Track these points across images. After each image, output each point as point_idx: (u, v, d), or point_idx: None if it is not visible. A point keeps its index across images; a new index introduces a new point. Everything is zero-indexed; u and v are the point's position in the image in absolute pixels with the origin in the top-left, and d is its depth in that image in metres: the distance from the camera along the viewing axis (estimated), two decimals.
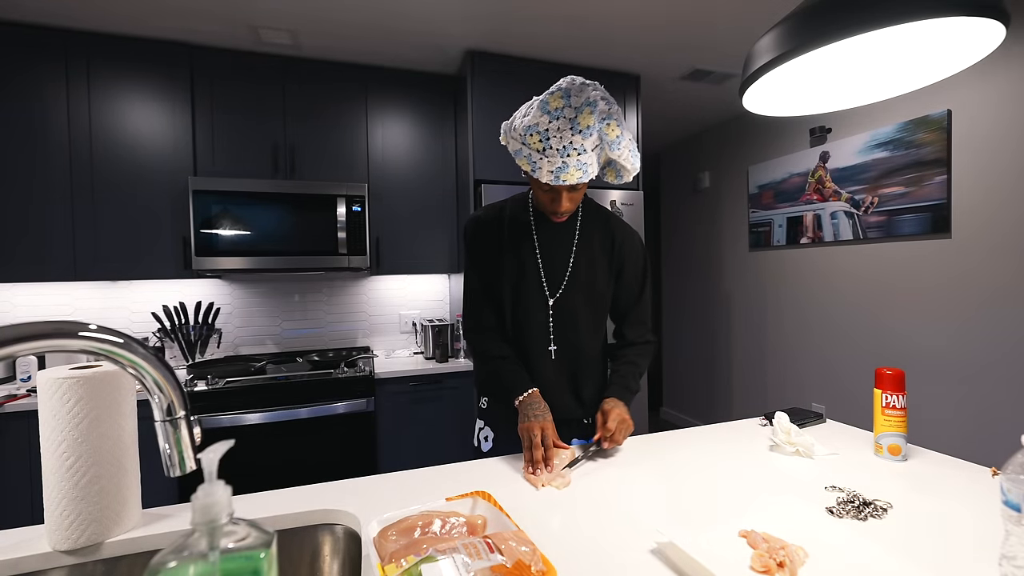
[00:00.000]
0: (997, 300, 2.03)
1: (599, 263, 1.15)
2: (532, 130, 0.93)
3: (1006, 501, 0.54)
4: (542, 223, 1.14)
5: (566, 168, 0.93)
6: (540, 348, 1.13)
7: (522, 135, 0.96)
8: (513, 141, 0.99)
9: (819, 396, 2.86)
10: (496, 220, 1.15)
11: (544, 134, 0.92)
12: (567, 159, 0.92)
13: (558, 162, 0.93)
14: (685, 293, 4.00)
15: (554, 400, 1.12)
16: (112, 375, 0.73)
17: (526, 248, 1.13)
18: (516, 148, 0.98)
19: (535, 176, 0.97)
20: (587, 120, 0.91)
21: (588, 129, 0.92)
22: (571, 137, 0.91)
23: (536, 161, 0.94)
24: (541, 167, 0.94)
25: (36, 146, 2.04)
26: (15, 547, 0.71)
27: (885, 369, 0.99)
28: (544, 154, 0.93)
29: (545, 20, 2.13)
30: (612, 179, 1.09)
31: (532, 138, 0.94)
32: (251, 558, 0.42)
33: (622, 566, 0.65)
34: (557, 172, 0.94)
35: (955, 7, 0.61)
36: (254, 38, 2.21)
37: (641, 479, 0.92)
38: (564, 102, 0.91)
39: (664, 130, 3.72)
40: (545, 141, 0.92)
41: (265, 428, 2.03)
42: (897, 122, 2.35)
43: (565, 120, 0.91)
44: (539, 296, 1.12)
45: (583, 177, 0.95)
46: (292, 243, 2.25)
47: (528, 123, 0.94)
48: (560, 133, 0.91)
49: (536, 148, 0.94)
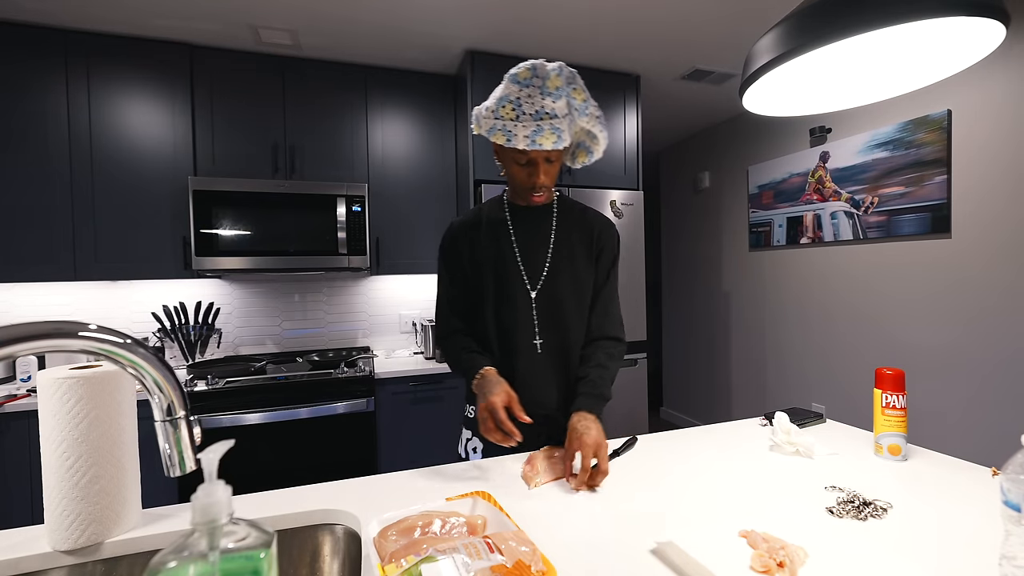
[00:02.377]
0: (997, 300, 2.03)
1: (579, 252, 1.15)
2: (503, 101, 0.97)
3: (1006, 501, 0.54)
4: (518, 218, 1.15)
5: (541, 131, 0.96)
6: (526, 343, 1.12)
7: (494, 110, 0.98)
8: (485, 120, 1.01)
9: (819, 396, 2.86)
10: (472, 223, 1.16)
11: (516, 102, 0.96)
12: (541, 122, 0.96)
13: (532, 126, 0.96)
14: (685, 293, 4.00)
15: (542, 395, 1.11)
16: (112, 375, 0.73)
17: (503, 243, 1.13)
18: (490, 126, 1.00)
19: (511, 144, 0.99)
20: (555, 83, 0.96)
21: (558, 91, 0.96)
22: (542, 101, 0.95)
23: (511, 129, 0.97)
24: (516, 134, 0.97)
25: (36, 146, 2.04)
26: (15, 547, 0.71)
27: (885, 369, 0.99)
28: (518, 120, 0.96)
29: (545, 20, 2.13)
30: (582, 160, 1.12)
31: (504, 109, 0.97)
32: (251, 558, 0.42)
33: (622, 566, 0.65)
34: (533, 136, 0.96)
35: (955, 7, 0.61)
36: (254, 38, 2.21)
37: (641, 479, 0.92)
38: (531, 72, 0.96)
39: (664, 130, 3.72)
40: (518, 108, 0.96)
41: (265, 428, 2.03)
42: (897, 122, 2.35)
43: (535, 88, 0.95)
44: (520, 289, 1.11)
45: (558, 143, 0.97)
46: (292, 243, 2.25)
47: (499, 95, 0.98)
48: (531, 99, 0.95)
49: (509, 117, 0.97)
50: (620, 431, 2.49)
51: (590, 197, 2.47)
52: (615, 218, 2.53)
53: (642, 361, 2.60)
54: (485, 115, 1.01)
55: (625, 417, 2.54)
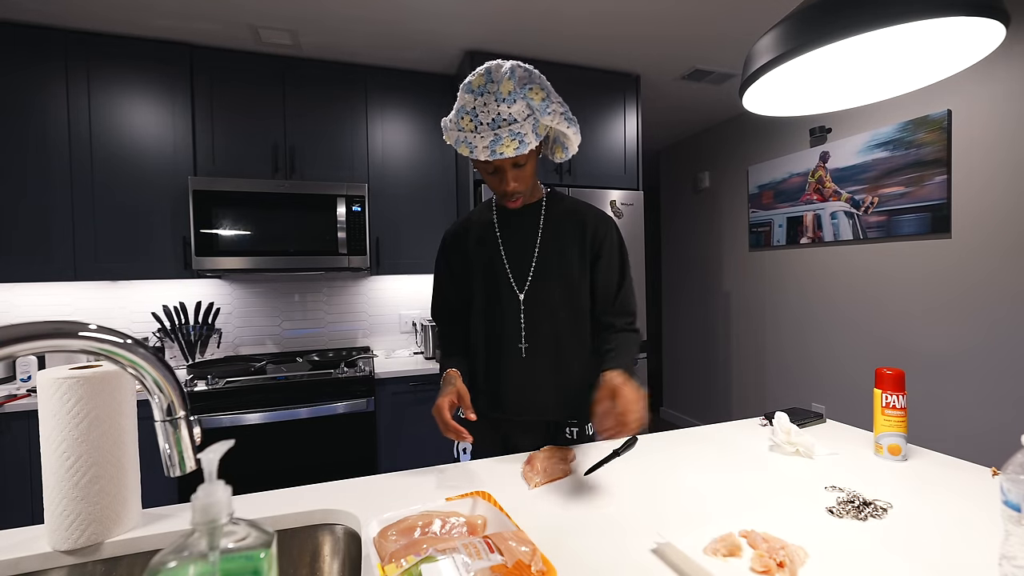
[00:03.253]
0: (997, 300, 2.03)
1: (570, 251, 1.11)
2: (461, 112, 0.95)
3: (1006, 501, 0.54)
4: (505, 219, 1.14)
5: (499, 140, 0.93)
6: (513, 345, 1.10)
7: (456, 122, 0.97)
8: (450, 132, 0.99)
9: (819, 396, 2.86)
10: (463, 228, 1.17)
11: (472, 112, 0.93)
12: (498, 131, 0.93)
13: (491, 135, 0.93)
14: (685, 293, 4.00)
15: (531, 399, 1.10)
16: (112, 375, 0.73)
17: (491, 246, 1.13)
18: (454, 138, 0.98)
19: (474, 156, 0.97)
20: (507, 87, 0.91)
21: (511, 95, 0.91)
22: (497, 108, 0.92)
23: (472, 141, 0.95)
24: (476, 145, 0.95)
25: (36, 146, 2.04)
26: (15, 547, 0.71)
27: (885, 369, 0.99)
28: (477, 131, 0.94)
29: (544, 20, 2.13)
30: (560, 156, 1.10)
31: (464, 120, 0.95)
32: (251, 558, 0.42)
33: (622, 566, 0.65)
34: (492, 146, 0.94)
35: (955, 7, 0.61)
36: (254, 38, 2.21)
37: (641, 479, 0.92)
38: (485, 79, 0.92)
39: (664, 130, 3.72)
40: (475, 119, 0.94)
41: (265, 428, 2.03)
42: (897, 122, 2.35)
43: (489, 95, 0.92)
44: (508, 291, 1.11)
45: (520, 148, 0.95)
46: (292, 243, 2.25)
47: (457, 107, 0.96)
48: (486, 108, 0.92)
49: (469, 129, 0.95)
50: None
51: (590, 197, 2.47)
52: (615, 218, 2.52)
53: (642, 361, 2.60)
54: (449, 127, 0.99)
55: None
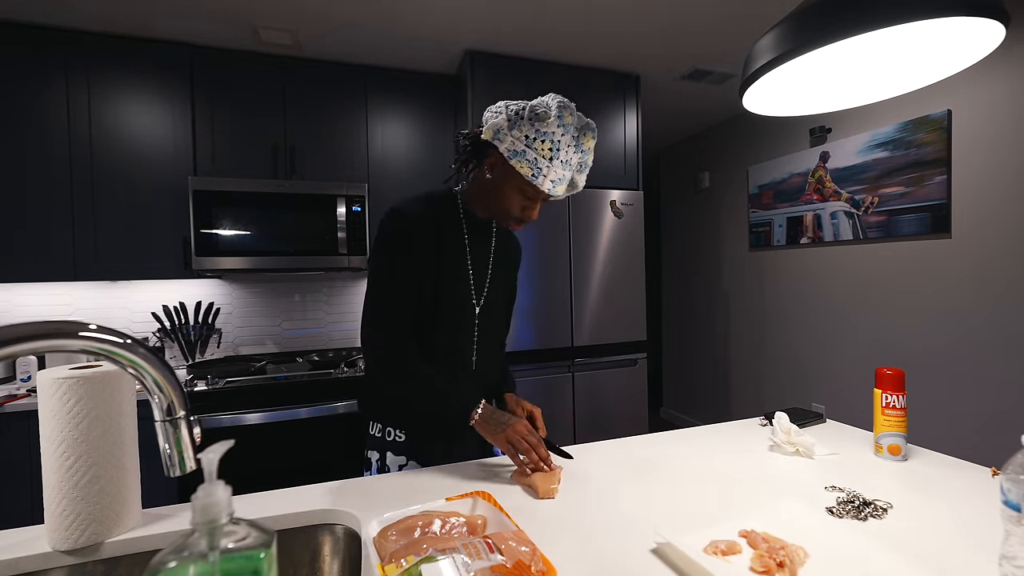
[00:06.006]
0: (997, 300, 2.03)
1: (507, 266, 1.18)
2: (545, 137, 0.93)
3: (1006, 501, 0.54)
4: (472, 225, 1.09)
5: (562, 181, 0.96)
6: (465, 359, 1.09)
7: (531, 138, 0.93)
8: (515, 140, 0.93)
9: (819, 396, 2.86)
10: (425, 218, 1.01)
11: (557, 144, 0.93)
12: (566, 172, 0.96)
13: (560, 173, 0.95)
14: (685, 293, 4.00)
15: None
16: (112, 375, 0.73)
17: (460, 253, 1.06)
18: (518, 148, 0.93)
19: (535, 182, 0.94)
20: (588, 143, 0.97)
21: (588, 151, 0.98)
22: (575, 154, 0.96)
23: (542, 168, 0.93)
24: (545, 175, 0.94)
25: (36, 146, 2.04)
26: (15, 547, 0.71)
27: (885, 369, 0.99)
28: (551, 163, 0.94)
29: (545, 20, 2.13)
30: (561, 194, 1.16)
31: (542, 144, 0.93)
32: (251, 558, 0.42)
33: (622, 566, 0.65)
34: (557, 183, 0.96)
35: (955, 7, 0.61)
36: (254, 38, 2.21)
37: (641, 479, 0.92)
38: (573, 120, 0.95)
39: (664, 130, 3.72)
40: (555, 151, 0.93)
41: (265, 428, 2.03)
42: (897, 122, 2.35)
43: (571, 137, 0.95)
44: (468, 304, 1.08)
45: (566, 192, 1.01)
46: (292, 243, 2.25)
47: (542, 129, 0.92)
48: (568, 148, 0.95)
49: (545, 156, 0.93)
50: (621, 431, 2.50)
51: (590, 197, 2.47)
52: (615, 218, 2.53)
53: (642, 361, 2.60)
54: (515, 136, 0.93)
55: (625, 417, 2.54)
